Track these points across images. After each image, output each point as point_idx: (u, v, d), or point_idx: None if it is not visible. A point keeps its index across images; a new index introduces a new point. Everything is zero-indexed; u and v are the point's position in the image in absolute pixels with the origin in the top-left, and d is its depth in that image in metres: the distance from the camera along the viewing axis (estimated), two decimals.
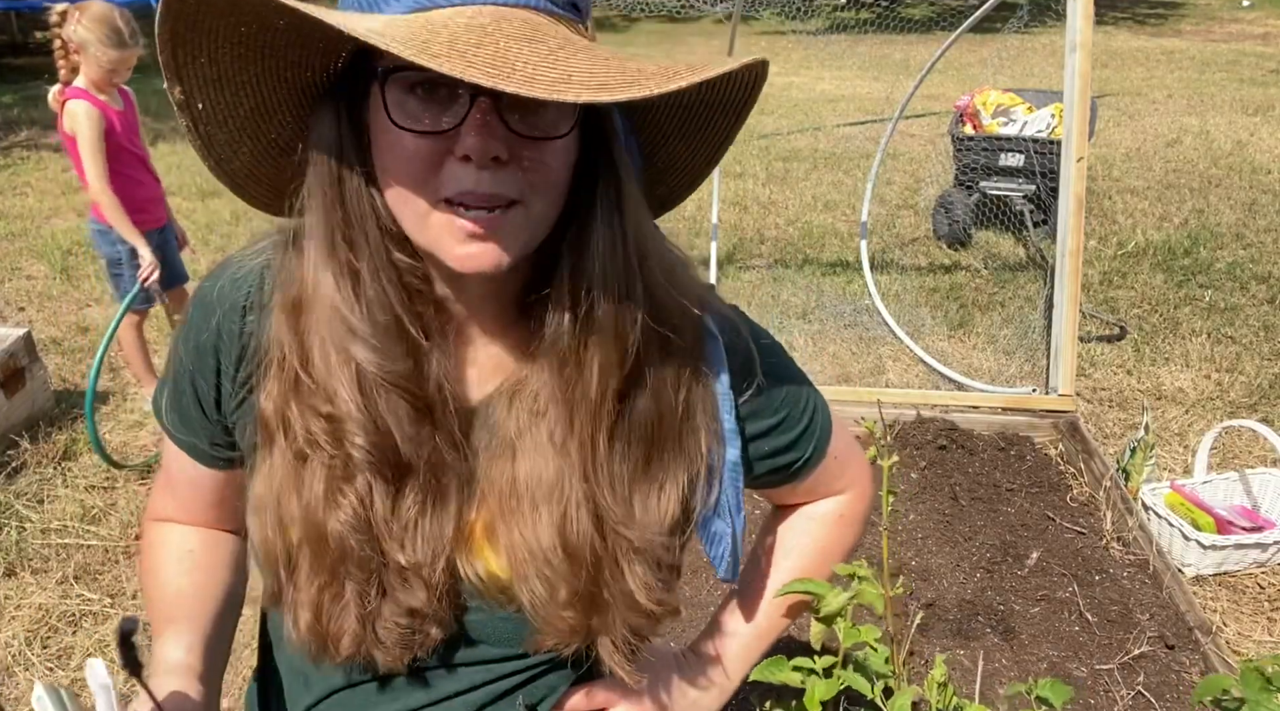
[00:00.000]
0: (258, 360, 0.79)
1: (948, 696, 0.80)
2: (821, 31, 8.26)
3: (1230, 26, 15.67)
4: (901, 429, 3.37)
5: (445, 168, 0.68)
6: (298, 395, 0.75)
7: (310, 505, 0.76)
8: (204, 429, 0.86)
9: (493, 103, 0.66)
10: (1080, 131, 3.28)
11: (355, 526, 0.76)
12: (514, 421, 0.78)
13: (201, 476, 0.91)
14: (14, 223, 6.29)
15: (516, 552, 0.78)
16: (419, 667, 0.86)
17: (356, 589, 0.78)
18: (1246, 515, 2.93)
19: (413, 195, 0.69)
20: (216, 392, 0.83)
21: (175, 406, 0.87)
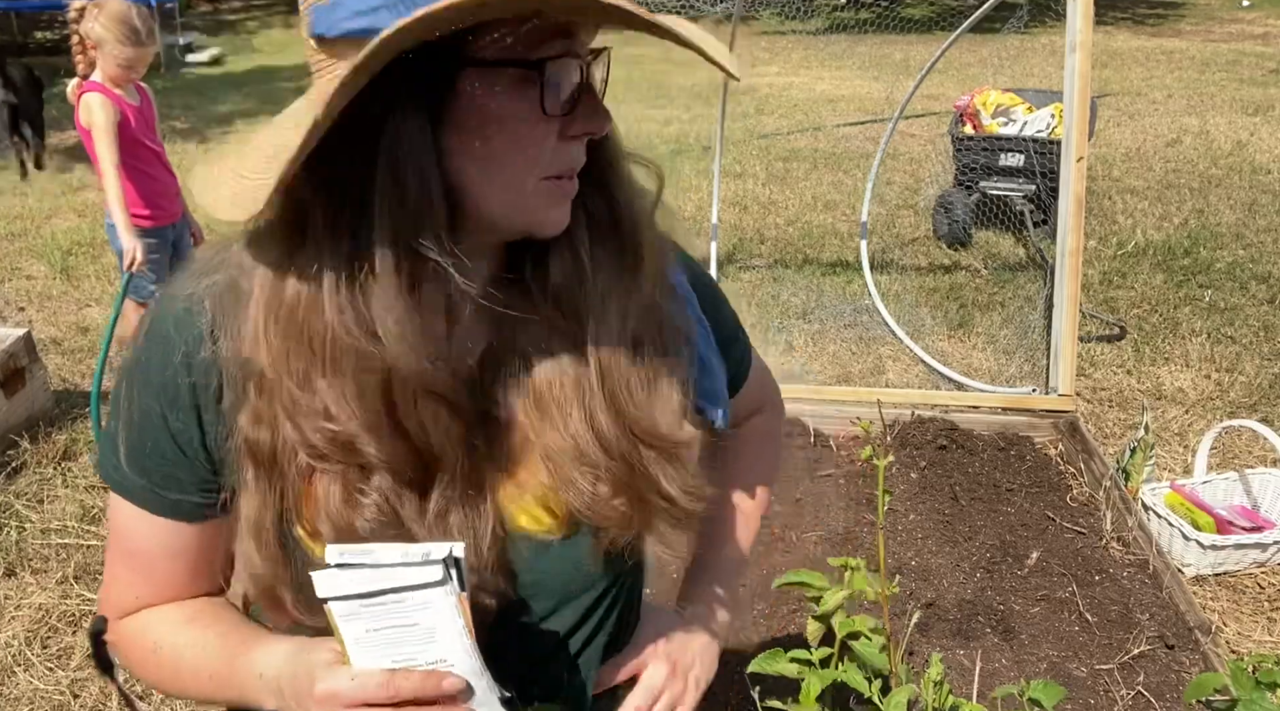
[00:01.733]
0: (238, 382, 0.75)
1: (943, 695, 0.80)
2: (821, 31, 8.27)
3: (1230, 26, 15.67)
4: (901, 429, 3.37)
5: (554, 145, 0.71)
6: (294, 413, 0.72)
7: (333, 511, 0.74)
8: (191, 476, 0.79)
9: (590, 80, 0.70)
10: (1080, 131, 3.28)
11: (385, 521, 0.74)
12: (532, 364, 0.79)
13: (186, 541, 0.83)
14: (14, 223, 6.29)
15: (554, 459, 0.79)
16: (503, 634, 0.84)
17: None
18: (1246, 515, 2.93)
19: (520, 177, 0.71)
20: (199, 429, 0.77)
21: (146, 465, 0.79)
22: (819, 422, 3.40)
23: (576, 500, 0.80)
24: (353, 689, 0.68)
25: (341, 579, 0.66)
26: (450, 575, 0.67)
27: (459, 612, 0.68)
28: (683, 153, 8.18)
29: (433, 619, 0.68)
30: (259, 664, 0.78)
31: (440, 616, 0.68)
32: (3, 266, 5.54)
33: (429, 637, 0.69)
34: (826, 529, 2.93)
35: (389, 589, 0.67)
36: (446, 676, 0.70)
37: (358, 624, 0.68)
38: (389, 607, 0.67)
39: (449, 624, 0.68)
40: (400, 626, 0.68)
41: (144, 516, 0.81)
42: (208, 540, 0.83)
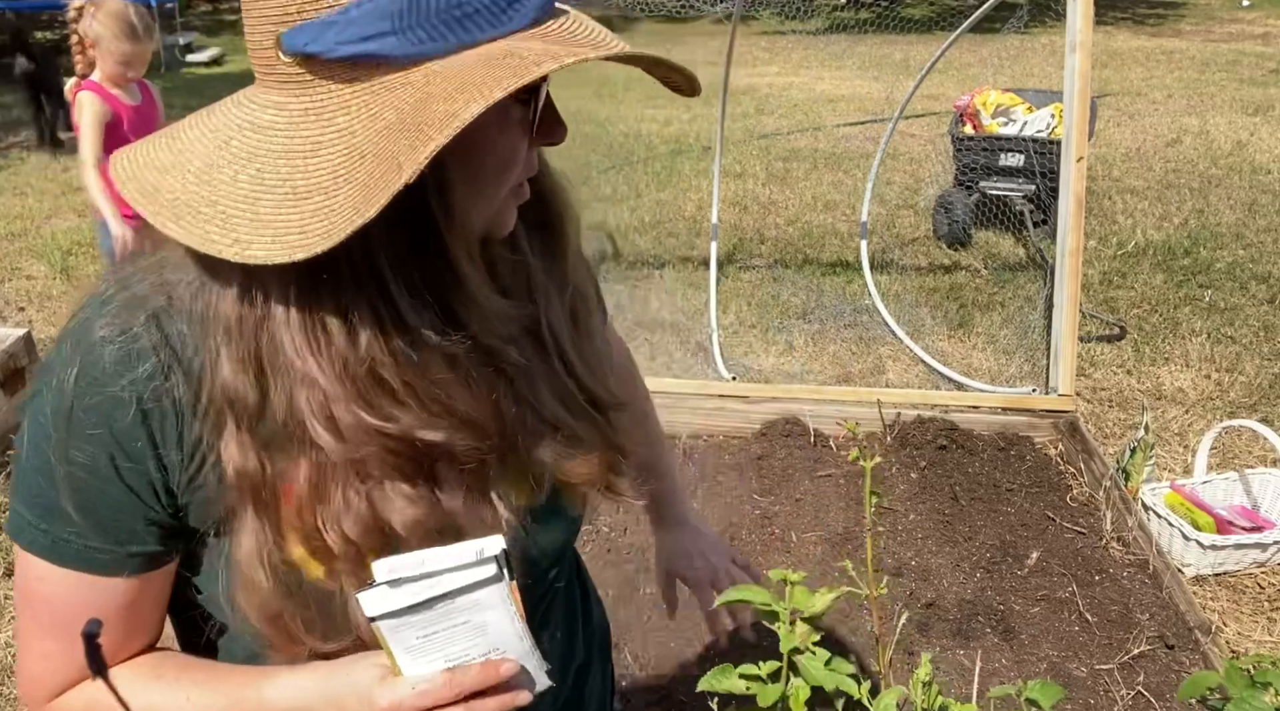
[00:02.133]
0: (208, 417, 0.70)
1: (932, 696, 0.80)
2: (821, 31, 8.26)
3: (1230, 26, 15.67)
4: (901, 429, 3.37)
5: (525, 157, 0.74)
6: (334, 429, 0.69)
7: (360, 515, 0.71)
8: (151, 526, 0.73)
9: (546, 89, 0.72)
10: (1080, 131, 3.28)
11: (422, 519, 0.73)
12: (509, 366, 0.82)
13: (135, 594, 0.75)
14: (14, 223, 6.29)
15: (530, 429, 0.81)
16: None
17: None
18: (1246, 515, 2.93)
19: (501, 184, 0.73)
20: (162, 473, 0.71)
21: (97, 522, 0.71)
22: (819, 423, 3.40)
23: (550, 458, 0.82)
24: (417, 696, 0.69)
25: (391, 595, 0.66)
26: (502, 569, 0.68)
27: (510, 601, 0.69)
28: (683, 153, 8.18)
29: (484, 613, 0.69)
30: (278, 700, 0.74)
31: (492, 610, 0.69)
32: (3, 266, 5.54)
33: (480, 631, 0.70)
34: (826, 529, 2.93)
35: (441, 595, 0.67)
36: (503, 662, 0.71)
37: (407, 633, 0.68)
38: (439, 611, 0.68)
39: (501, 614, 0.70)
40: (452, 627, 0.69)
41: (86, 580, 0.73)
42: (155, 590, 0.77)
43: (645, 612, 2.57)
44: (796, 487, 3.13)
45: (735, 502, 3.07)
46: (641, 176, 7.45)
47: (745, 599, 0.91)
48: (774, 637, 0.85)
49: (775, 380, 3.99)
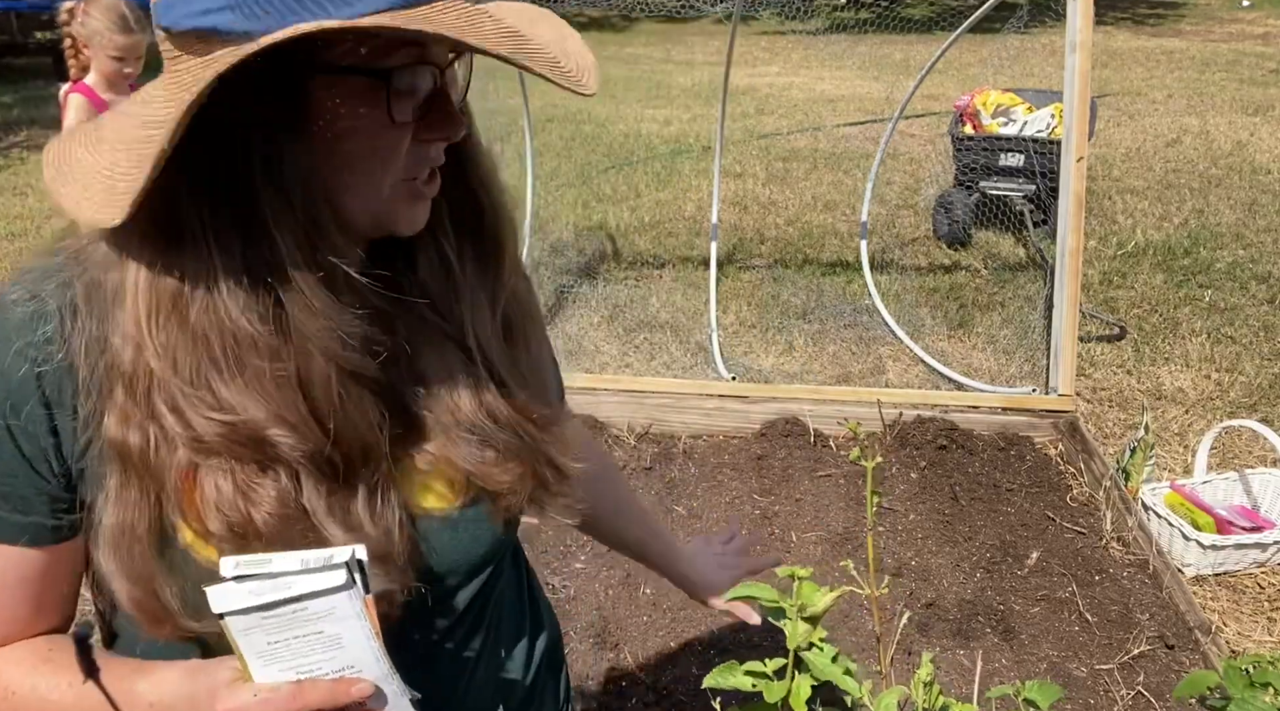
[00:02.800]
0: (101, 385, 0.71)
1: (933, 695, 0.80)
2: (821, 31, 8.26)
3: (1230, 26, 15.67)
4: (901, 429, 3.37)
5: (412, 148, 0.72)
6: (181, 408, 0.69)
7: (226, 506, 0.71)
8: (42, 494, 0.73)
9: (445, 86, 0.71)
10: (1080, 131, 3.28)
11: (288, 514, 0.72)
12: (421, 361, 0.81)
13: (33, 568, 0.76)
14: (14, 223, 6.29)
15: (449, 433, 0.80)
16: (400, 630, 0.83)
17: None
18: (1246, 515, 2.93)
19: (380, 178, 0.72)
20: (54, 437, 0.72)
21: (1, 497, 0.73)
22: (819, 423, 3.40)
23: (469, 463, 0.81)
24: (259, 703, 0.66)
25: (238, 592, 0.63)
26: (354, 578, 0.65)
27: (365, 616, 0.66)
28: (683, 153, 8.18)
29: (337, 625, 0.66)
30: (147, 693, 0.73)
31: (345, 622, 0.66)
32: (3, 266, 5.54)
33: (335, 645, 0.67)
34: (826, 529, 2.93)
35: (290, 598, 0.64)
36: (356, 682, 0.67)
37: (258, 637, 0.65)
38: (290, 617, 0.65)
39: (355, 629, 0.66)
40: (304, 636, 0.66)
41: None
42: (57, 566, 0.77)
43: (644, 612, 2.57)
44: (796, 487, 3.13)
45: (735, 502, 3.07)
46: (641, 176, 7.45)
47: (752, 595, 0.91)
48: (774, 639, 0.85)
49: (775, 380, 3.99)
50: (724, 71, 4.75)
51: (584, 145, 8.44)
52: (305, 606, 0.65)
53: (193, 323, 0.69)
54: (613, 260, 5.59)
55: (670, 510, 3.04)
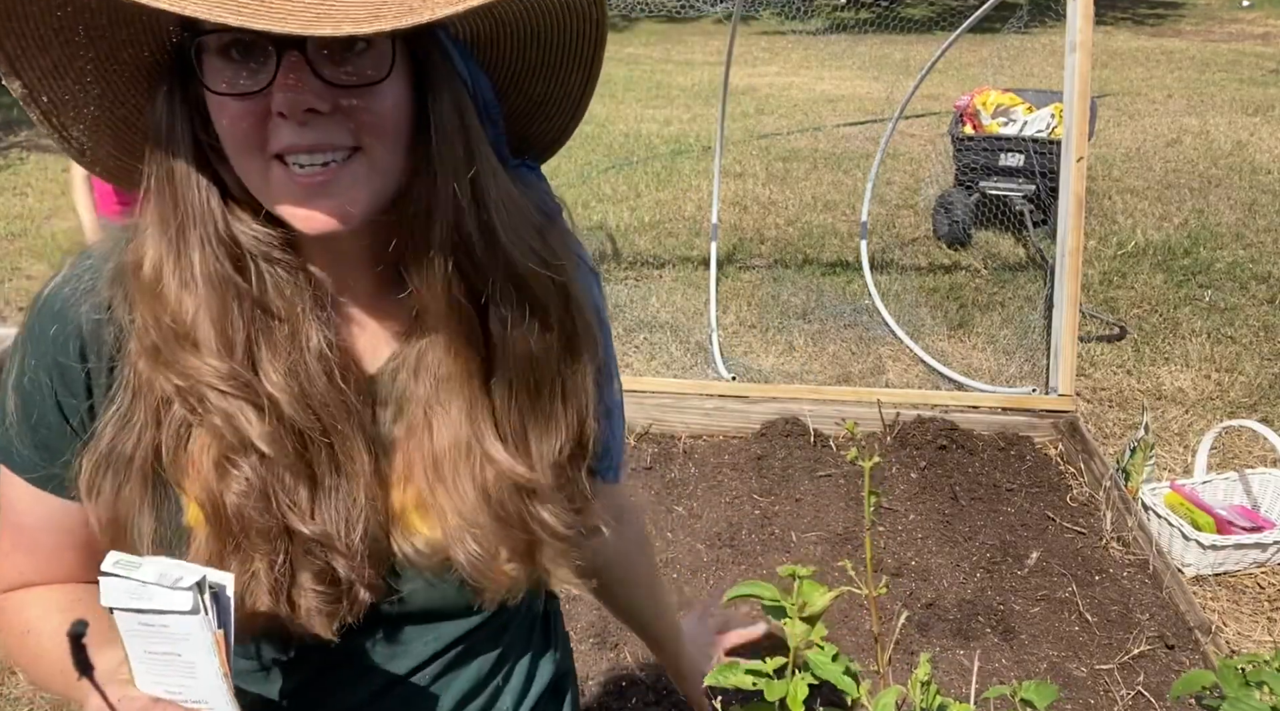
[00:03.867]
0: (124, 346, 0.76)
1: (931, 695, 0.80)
2: (821, 31, 8.27)
3: (1230, 26, 15.67)
4: (901, 429, 3.37)
5: (270, 125, 0.69)
6: (164, 370, 0.73)
7: (205, 475, 0.73)
8: (74, 455, 0.77)
9: (302, 57, 0.66)
10: (1080, 131, 3.28)
11: (253, 497, 0.73)
12: (422, 391, 0.79)
13: (71, 516, 0.80)
14: (14, 223, 6.29)
15: (448, 519, 0.79)
16: (369, 647, 0.85)
17: (265, 561, 0.75)
18: (1246, 515, 2.93)
19: (248, 158, 0.70)
20: (88, 395, 0.76)
21: (33, 439, 0.78)
22: (819, 423, 3.40)
23: (465, 559, 0.79)
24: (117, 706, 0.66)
25: (118, 588, 0.63)
26: (204, 605, 0.63)
27: (214, 652, 0.64)
28: (683, 153, 8.18)
29: (192, 653, 0.64)
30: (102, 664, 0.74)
31: (198, 651, 0.64)
32: (3, 266, 5.54)
33: (190, 672, 0.65)
34: (826, 529, 2.93)
35: (151, 609, 0.63)
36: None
37: (137, 642, 0.65)
38: (156, 630, 0.64)
39: (206, 661, 0.64)
40: (167, 653, 0.65)
41: (30, 490, 0.79)
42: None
43: None
44: (796, 487, 3.13)
45: (735, 502, 3.07)
46: (641, 176, 7.45)
47: (753, 594, 0.91)
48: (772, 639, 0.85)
49: (775, 380, 3.99)
50: (724, 71, 4.76)
51: (584, 145, 8.45)
52: (167, 623, 0.63)
53: (157, 300, 0.73)
54: (613, 260, 5.59)
55: (670, 510, 3.04)
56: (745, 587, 0.91)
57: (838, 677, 0.82)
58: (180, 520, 0.76)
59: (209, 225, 0.72)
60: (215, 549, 0.75)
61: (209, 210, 0.72)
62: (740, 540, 2.88)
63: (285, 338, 0.74)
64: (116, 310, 0.75)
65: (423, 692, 0.89)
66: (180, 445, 0.74)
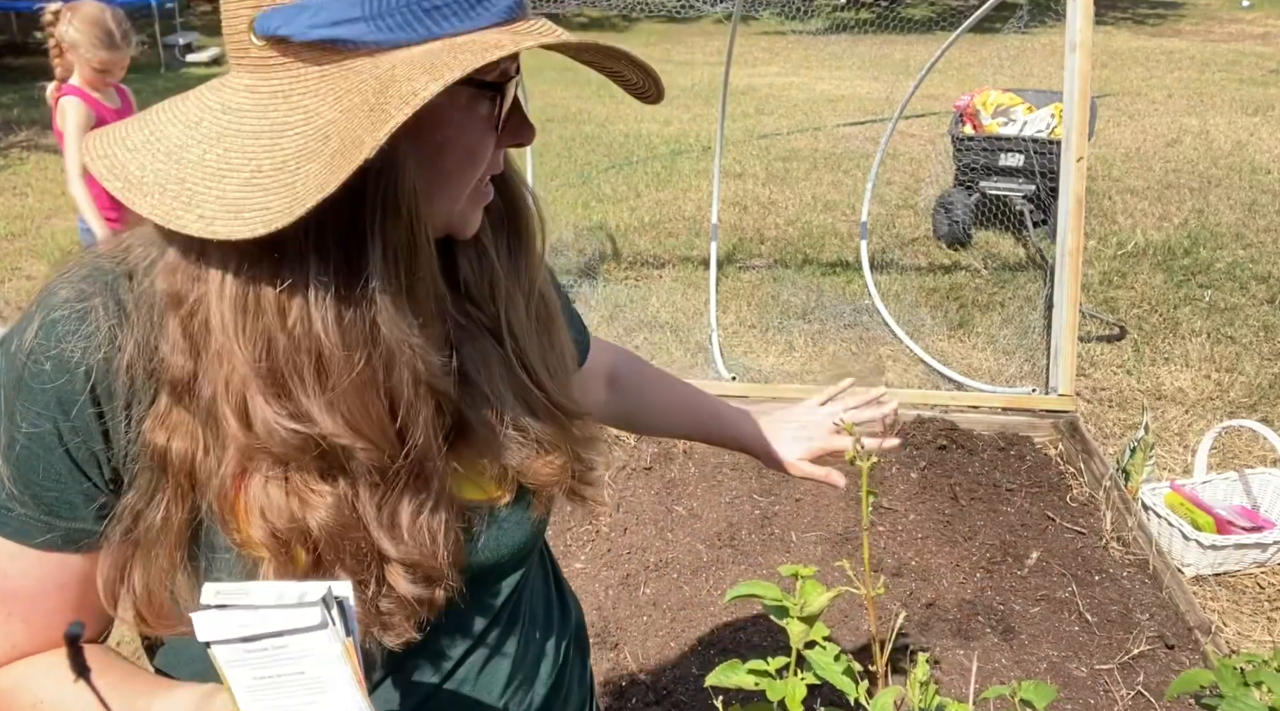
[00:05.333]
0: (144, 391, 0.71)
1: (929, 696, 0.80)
2: (821, 31, 8.26)
3: (1230, 26, 15.67)
4: (901, 429, 3.37)
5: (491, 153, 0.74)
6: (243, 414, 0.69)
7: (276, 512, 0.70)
8: (88, 499, 0.72)
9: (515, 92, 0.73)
10: (1080, 131, 3.28)
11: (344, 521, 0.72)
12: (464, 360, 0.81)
13: (74, 573, 0.75)
14: (14, 223, 6.29)
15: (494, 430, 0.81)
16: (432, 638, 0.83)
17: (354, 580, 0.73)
18: (1246, 515, 2.93)
19: (465, 184, 0.74)
20: (105, 440, 0.71)
21: (36, 492, 0.71)
22: None
23: (514, 460, 0.82)
24: None
25: (220, 621, 0.61)
26: (331, 618, 0.62)
27: (345, 660, 0.63)
28: (683, 153, 8.18)
29: (318, 667, 0.63)
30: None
31: (325, 664, 0.63)
32: (3, 266, 5.54)
33: (317, 687, 0.64)
34: (826, 529, 2.93)
35: (267, 633, 0.61)
36: None
37: (244, 671, 0.63)
38: (271, 653, 0.62)
39: (336, 673, 0.63)
40: (286, 675, 0.63)
41: (24, 551, 0.73)
42: (96, 572, 0.76)
43: (644, 612, 2.57)
44: (796, 487, 3.13)
45: (735, 502, 3.07)
46: (641, 176, 7.45)
47: (754, 594, 0.91)
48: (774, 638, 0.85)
49: (775, 380, 3.99)
50: (724, 71, 4.75)
51: (584, 145, 8.44)
52: (285, 644, 0.62)
53: (287, 329, 0.67)
54: (613, 260, 5.59)
55: (670, 510, 3.04)
56: (746, 587, 0.92)
57: (837, 677, 0.82)
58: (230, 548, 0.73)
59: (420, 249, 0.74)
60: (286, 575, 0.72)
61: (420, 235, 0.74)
62: (740, 540, 2.88)
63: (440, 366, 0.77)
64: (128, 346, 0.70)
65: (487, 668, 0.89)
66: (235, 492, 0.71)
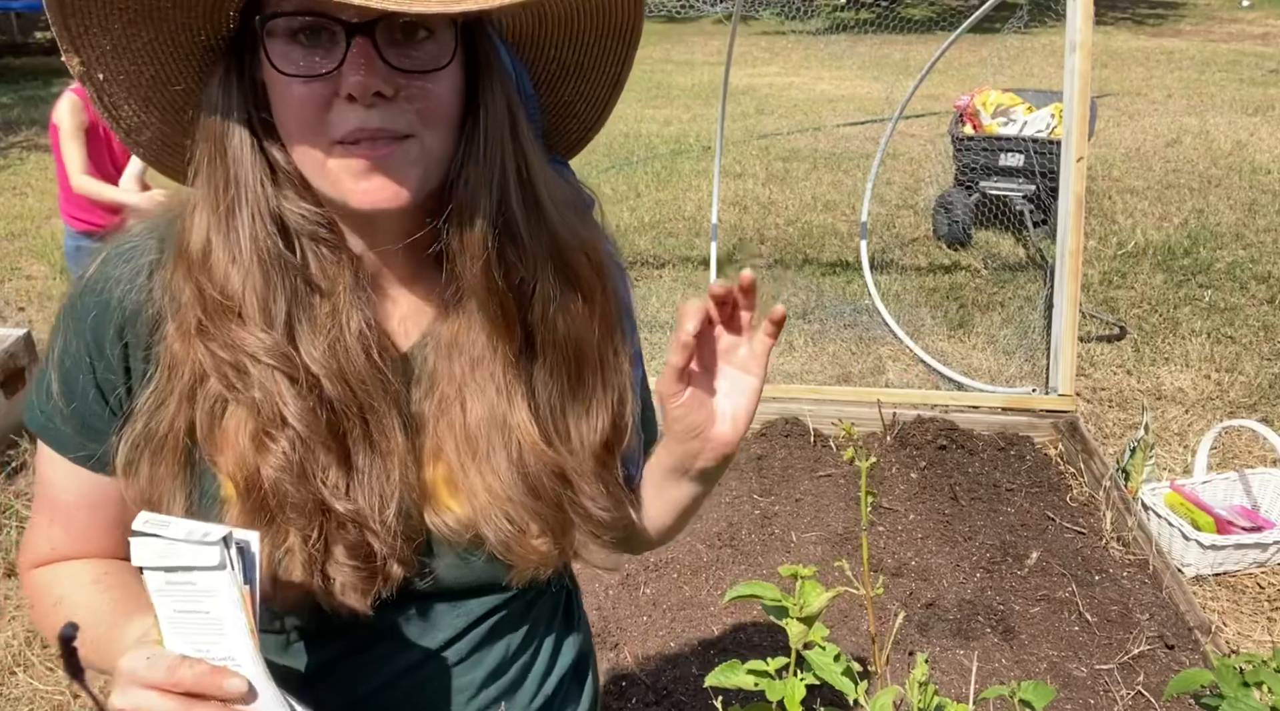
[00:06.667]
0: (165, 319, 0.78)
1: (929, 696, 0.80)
2: (821, 31, 8.26)
3: (1230, 26, 15.67)
4: (901, 429, 3.37)
5: (334, 110, 0.70)
6: (207, 342, 0.75)
7: (241, 450, 0.75)
8: (114, 427, 0.79)
9: (370, 41, 0.68)
10: (1080, 131, 3.28)
11: (290, 472, 0.75)
12: (456, 370, 0.80)
13: (106, 492, 0.82)
14: (14, 223, 6.29)
15: (478, 496, 0.80)
16: (401, 623, 0.86)
17: (300, 536, 0.77)
18: (1246, 515, 2.93)
19: (309, 142, 0.72)
20: (126, 375, 0.78)
21: (71, 415, 0.79)
22: (819, 423, 3.40)
23: (495, 536, 0.81)
24: (145, 667, 0.66)
25: (148, 548, 0.64)
26: (230, 560, 0.64)
27: (241, 607, 0.65)
28: (683, 153, 8.18)
29: (219, 608, 0.65)
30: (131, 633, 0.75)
31: (225, 607, 0.65)
32: (3, 266, 5.54)
33: (218, 629, 0.66)
34: (826, 529, 2.93)
35: (179, 566, 0.64)
36: (232, 675, 0.66)
37: (167, 602, 0.66)
38: (183, 588, 0.65)
39: (233, 617, 0.66)
40: (195, 611, 0.66)
41: (68, 466, 0.81)
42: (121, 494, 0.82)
43: (644, 612, 2.57)
44: (796, 487, 3.13)
45: (735, 502, 3.07)
46: (641, 176, 7.45)
47: (754, 595, 0.91)
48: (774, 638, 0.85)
49: (775, 380, 3.99)
50: (724, 71, 4.75)
51: None
52: (194, 580, 0.65)
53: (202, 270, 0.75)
54: None
55: None
56: (746, 588, 0.91)
57: (836, 678, 0.82)
58: (215, 495, 0.78)
59: (260, 202, 0.74)
60: (248, 523, 0.76)
61: (260, 188, 0.74)
62: (740, 540, 2.88)
63: (326, 315, 0.76)
64: (157, 291, 0.77)
65: (451, 670, 0.90)
66: (215, 422, 0.76)
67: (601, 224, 0.89)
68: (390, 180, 0.72)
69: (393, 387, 0.79)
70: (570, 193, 0.84)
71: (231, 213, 0.74)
